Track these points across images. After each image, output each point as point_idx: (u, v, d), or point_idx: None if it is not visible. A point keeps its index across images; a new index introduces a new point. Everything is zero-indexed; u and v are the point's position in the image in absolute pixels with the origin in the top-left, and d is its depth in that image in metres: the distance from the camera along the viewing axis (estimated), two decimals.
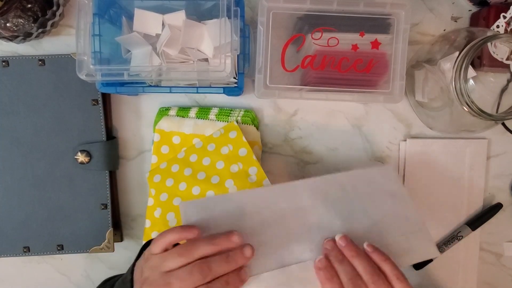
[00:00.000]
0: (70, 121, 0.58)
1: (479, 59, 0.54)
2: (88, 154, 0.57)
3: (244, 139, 0.57)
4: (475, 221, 0.61)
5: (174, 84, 0.55)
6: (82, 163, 0.58)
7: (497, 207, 0.61)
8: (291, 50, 0.53)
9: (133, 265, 0.44)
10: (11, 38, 0.55)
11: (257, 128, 0.59)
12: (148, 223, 0.57)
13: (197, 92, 0.54)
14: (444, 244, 0.61)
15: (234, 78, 0.53)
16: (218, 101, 0.61)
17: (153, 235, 0.57)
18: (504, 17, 0.52)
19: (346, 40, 0.52)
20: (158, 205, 0.56)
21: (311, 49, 0.52)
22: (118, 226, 0.61)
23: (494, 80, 0.55)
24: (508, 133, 0.59)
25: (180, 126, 0.58)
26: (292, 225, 0.46)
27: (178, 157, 0.57)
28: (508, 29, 0.52)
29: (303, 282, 0.44)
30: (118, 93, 0.57)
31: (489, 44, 0.51)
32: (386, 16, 0.52)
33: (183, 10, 0.52)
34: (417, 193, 0.61)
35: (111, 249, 0.59)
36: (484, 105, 0.47)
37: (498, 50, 0.52)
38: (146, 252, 0.42)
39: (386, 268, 0.42)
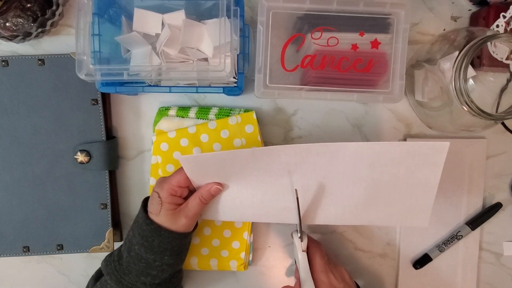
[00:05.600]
0: (69, 121, 0.58)
1: (479, 59, 0.54)
2: (88, 154, 0.57)
3: (259, 138, 0.57)
4: (475, 221, 0.61)
5: (174, 83, 0.55)
6: (81, 163, 0.58)
7: (497, 206, 0.61)
8: (291, 49, 0.53)
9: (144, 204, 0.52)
10: (11, 38, 0.55)
11: (257, 128, 0.59)
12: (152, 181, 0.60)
13: (197, 92, 0.54)
14: (443, 244, 0.61)
15: (234, 77, 0.53)
16: (218, 100, 0.61)
17: None
18: (504, 16, 0.52)
19: (346, 39, 0.52)
20: (165, 174, 0.58)
21: (310, 48, 0.52)
22: (118, 226, 0.61)
23: (494, 79, 0.55)
24: (508, 133, 0.59)
25: (180, 127, 0.58)
26: (282, 186, 0.51)
27: (188, 131, 0.58)
28: (508, 29, 0.52)
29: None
30: (117, 93, 0.57)
31: (488, 43, 0.51)
32: (385, 15, 0.52)
33: (183, 10, 0.52)
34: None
35: (111, 248, 0.59)
36: (484, 104, 0.47)
37: (498, 49, 0.52)
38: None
39: None
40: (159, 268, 0.50)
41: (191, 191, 0.52)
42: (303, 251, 0.52)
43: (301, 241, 0.51)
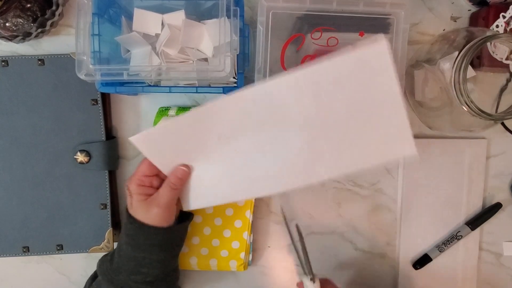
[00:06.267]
0: (69, 121, 0.58)
1: (479, 59, 0.54)
2: (88, 154, 0.57)
3: None
4: (475, 221, 0.61)
5: (174, 84, 0.55)
6: (81, 163, 0.58)
7: (497, 206, 0.61)
8: (290, 50, 0.53)
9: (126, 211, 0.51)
10: (11, 38, 0.55)
11: None
12: None
13: (197, 92, 0.54)
14: (443, 244, 0.61)
15: (234, 78, 0.53)
16: None
17: None
18: (504, 17, 0.52)
19: (345, 39, 0.52)
20: None
21: (310, 48, 0.52)
22: (118, 226, 0.61)
23: (494, 80, 0.55)
24: (508, 133, 0.59)
25: None
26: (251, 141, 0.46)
27: None
28: (508, 29, 0.53)
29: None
30: (117, 93, 0.57)
31: (488, 44, 0.51)
32: (385, 15, 0.52)
33: (183, 10, 0.52)
34: (417, 193, 0.61)
35: (110, 249, 0.59)
36: (484, 105, 0.47)
37: (498, 50, 0.52)
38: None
39: None
40: (149, 266, 0.50)
41: (163, 180, 0.51)
42: None
43: (313, 282, 0.46)
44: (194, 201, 0.52)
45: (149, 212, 0.48)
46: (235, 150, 0.47)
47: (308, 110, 0.43)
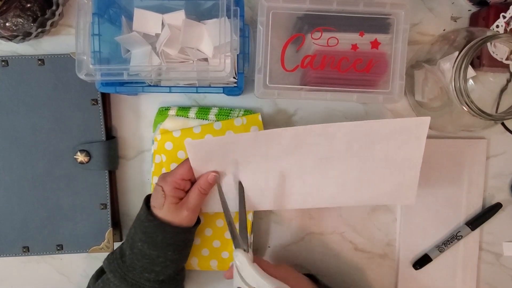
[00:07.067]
0: (69, 120, 0.58)
1: (479, 59, 0.54)
2: (88, 154, 0.57)
3: None
4: (475, 221, 0.61)
5: (174, 84, 0.55)
6: (81, 163, 0.58)
7: (497, 207, 0.61)
8: (290, 50, 0.53)
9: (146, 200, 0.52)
10: (11, 38, 0.55)
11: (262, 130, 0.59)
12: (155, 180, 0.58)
13: (197, 92, 0.54)
14: (443, 244, 0.61)
15: (234, 78, 0.53)
16: (217, 101, 0.61)
17: None
18: (504, 17, 0.52)
19: (345, 40, 0.52)
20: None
21: (310, 49, 0.52)
22: (118, 226, 0.61)
23: (494, 80, 0.55)
24: (508, 133, 0.59)
25: (184, 127, 0.58)
26: (290, 169, 0.52)
27: (193, 131, 0.58)
28: (508, 29, 0.53)
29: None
30: (117, 93, 0.57)
31: (488, 44, 0.51)
32: (385, 16, 0.52)
33: (183, 10, 0.52)
34: (416, 193, 0.61)
35: (110, 249, 0.59)
36: (484, 105, 0.47)
37: (498, 50, 0.52)
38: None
39: None
40: (162, 264, 0.50)
41: (193, 183, 0.52)
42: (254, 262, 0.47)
43: (247, 252, 0.48)
44: (213, 206, 0.55)
45: (179, 215, 0.50)
46: (275, 169, 0.52)
47: (353, 151, 0.51)
